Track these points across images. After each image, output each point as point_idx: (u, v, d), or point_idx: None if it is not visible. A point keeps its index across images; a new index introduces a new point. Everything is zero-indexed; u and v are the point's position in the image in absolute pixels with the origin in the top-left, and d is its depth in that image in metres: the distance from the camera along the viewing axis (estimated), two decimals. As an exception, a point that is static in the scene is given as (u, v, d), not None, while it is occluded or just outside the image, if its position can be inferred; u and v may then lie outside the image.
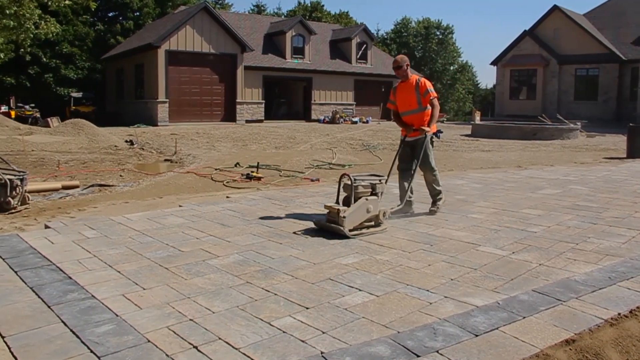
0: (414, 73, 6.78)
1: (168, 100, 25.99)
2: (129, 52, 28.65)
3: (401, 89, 6.15)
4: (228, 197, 7.15)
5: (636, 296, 3.47)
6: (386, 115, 33.12)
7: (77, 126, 17.16)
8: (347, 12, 56.43)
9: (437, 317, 3.11)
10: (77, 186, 8.31)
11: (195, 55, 26.93)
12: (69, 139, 15.68)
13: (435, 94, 6.05)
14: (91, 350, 2.67)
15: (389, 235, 5.05)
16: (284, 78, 32.46)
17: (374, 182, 5.25)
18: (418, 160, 5.93)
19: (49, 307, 3.21)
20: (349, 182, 5.09)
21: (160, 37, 25.67)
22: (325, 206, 5.19)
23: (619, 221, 5.69)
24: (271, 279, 3.77)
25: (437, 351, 2.69)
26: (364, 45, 35.10)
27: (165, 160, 12.98)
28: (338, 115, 30.76)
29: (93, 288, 3.53)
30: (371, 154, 14.27)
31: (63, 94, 32.43)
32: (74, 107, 28.66)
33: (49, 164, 11.20)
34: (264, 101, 30.13)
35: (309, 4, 54.24)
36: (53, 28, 16.83)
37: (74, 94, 30.79)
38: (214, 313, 3.16)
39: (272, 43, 32.26)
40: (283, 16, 49.98)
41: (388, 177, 5.65)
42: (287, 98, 34.93)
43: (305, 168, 11.04)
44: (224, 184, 8.88)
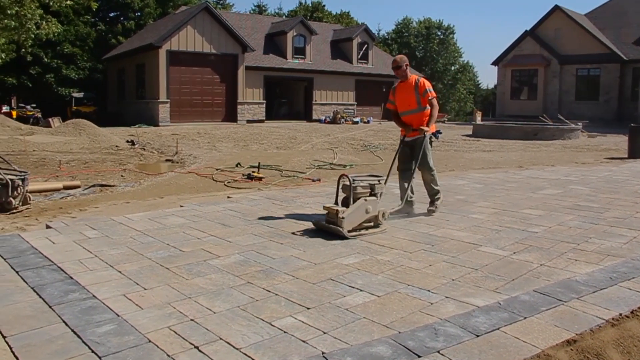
0: (414, 73, 6.77)
1: (169, 100, 26.00)
2: (130, 52, 28.67)
3: (400, 89, 6.15)
4: (229, 197, 7.15)
5: (637, 296, 3.47)
6: (387, 116, 33.10)
7: (79, 126, 17.18)
8: (348, 12, 56.47)
9: (438, 318, 3.11)
10: (79, 186, 8.32)
11: (197, 56, 26.94)
12: (70, 139, 15.70)
13: (435, 94, 6.05)
14: (92, 350, 2.67)
15: (390, 235, 5.05)
16: (285, 78, 32.47)
17: (372, 183, 5.23)
18: (417, 160, 5.93)
19: (50, 307, 3.22)
20: (348, 183, 5.08)
21: (161, 37, 25.69)
22: (324, 207, 5.18)
23: (620, 221, 5.69)
24: (272, 279, 3.78)
25: (438, 351, 2.69)
26: (365, 46, 35.10)
27: (167, 160, 12.99)
28: (339, 116, 30.75)
29: (94, 288, 3.54)
30: (372, 154, 14.27)
31: (64, 94, 32.45)
32: (75, 107, 28.68)
33: (51, 164, 11.22)
34: (265, 101, 30.13)
35: (310, 4, 54.25)
36: (54, 28, 16.84)
37: (75, 94, 30.80)
38: (215, 313, 3.16)
39: (273, 43, 32.27)
40: (284, 16, 50.00)
41: (387, 178, 5.65)
42: (288, 98, 34.93)
43: (307, 168, 11.04)
44: (225, 184, 8.89)
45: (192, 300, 3.35)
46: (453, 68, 60.14)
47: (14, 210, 6.33)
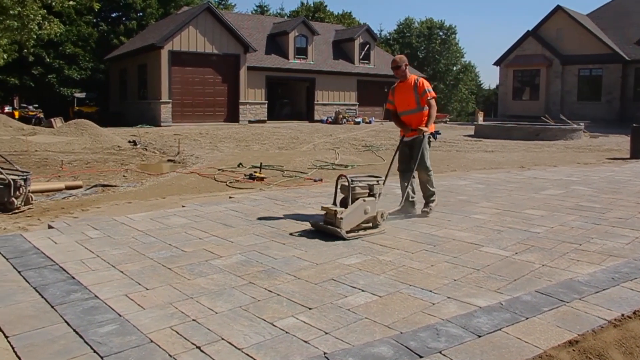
0: (415, 73, 6.77)
1: (171, 100, 26.02)
2: (132, 53, 28.70)
3: (400, 89, 6.14)
4: (231, 198, 7.16)
5: (639, 297, 3.47)
6: (389, 116, 33.08)
7: (81, 126, 17.20)
8: (350, 13, 56.48)
9: (440, 318, 3.11)
10: (81, 186, 8.32)
11: (198, 56, 26.96)
12: (72, 139, 15.72)
13: (434, 94, 6.04)
14: (94, 350, 2.67)
15: (392, 235, 5.05)
16: (287, 78, 32.48)
17: (371, 183, 5.21)
18: (416, 160, 5.91)
19: (52, 307, 3.22)
20: (346, 183, 5.05)
21: (163, 38, 25.71)
22: (323, 207, 5.16)
23: (622, 222, 5.68)
24: (274, 279, 3.78)
25: (440, 352, 2.69)
26: (367, 46, 35.09)
27: (169, 160, 13.00)
28: (341, 116, 30.75)
29: (96, 288, 3.54)
30: (374, 155, 14.27)
31: (66, 94, 32.50)
32: (77, 108, 28.72)
33: (53, 164, 11.23)
34: (266, 102, 30.14)
35: (312, 5, 54.25)
36: (56, 28, 16.86)
37: (77, 95, 30.85)
38: (216, 313, 3.16)
39: (275, 43, 32.28)
40: (286, 17, 50.03)
41: (386, 178, 5.64)
42: (290, 98, 34.93)
43: (308, 168, 11.04)
44: (226, 185, 8.89)
45: (194, 301, 3.36)
46: (455, 68, 60.09)
47: (16, 210, 6.33)
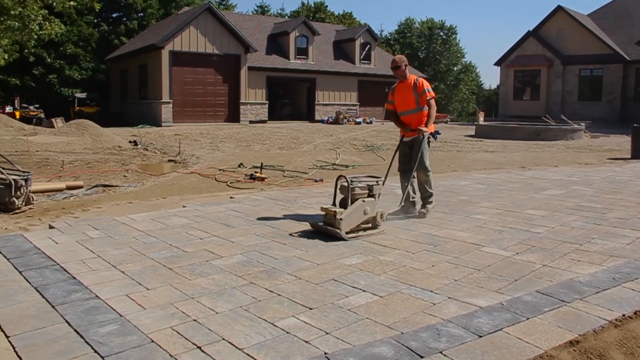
0: (416, 73, 6.77)
1: (172, 100, 26.03)
2: (133, 53, 28.71)
3: (399, 89, 6.14)
4: (232, 198, 7.16)
5: (641, 297, 3.46)
6: (389, 116, 33.09)
7: (81, 127, 17.21)
8: (351, 13, 56.49)
9: (441, 318, 3.11)
10: (81, 186, 8.33)
11: (199, 56, 26.97)
12: (73, 139, 15.73)
13: (434, 94, 6.04)
14: (95, 350, 2.68)
15: (392, 236, 5.05)
16: (287, 79, 32.49)
17: (371, 184, 5.20)
18: (416, 160, 5.89)
19: (53, 307, 3.22)
20: (346, 184, 5.04)
21: (164, 38, 25.72)
22: (322, 208, 5.14)
23: (623, 222, 5.68)
24: (275, 279, 3.78)
25: (441, 352, 2.69)
26: (368, 46, 35.10)
27: (169, 160, 13.00)
28: (342, 116, 30.76)
29: (97, 288, 3.54)
30: (375, 155, 14.27)
31: (67, 94, 32.52)
32: (78, 108, 28.73)
33: (53, 165, 11.24)
34: (267, 102, 30.15)
35: (313, 5, 54.27)
36: (57, 29, 16.84)
37: (78, 95, 30.86)
38: (217, 313, 3.16)
39: (276, 44, 32.29)
40: (287, 17, 50.02)
41: (385, 179, 5.63)
42: (291, 99, 34.95)
43: (309, 169, 11.04)
44: (227, 185, 8.89)
45: (195, 301, 3.36)
46: (455, 68, 60.06)
47: (17, 211, 6.34)
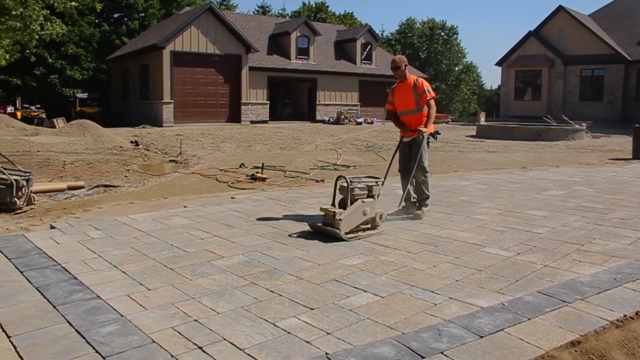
0: (417, 74, 6.76)
1: (173, 101, 26.04)
2: (134, 53, 28.73)
3: (399, 89, 6.13)
4: (233, 198, 7.16)
5: (642, 298, 3.46)
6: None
7: (83, 127, 17.22)
8: (352, 13, 56.50)
9: (442, 319, 3.10)
10: (83, 187, 8.34)
11: (200, 56, 26.98)
12: (74, 139, 15.74)
13: (433, 95, 6.02)
14: (96, 351, 2.68)
15: (394, 236, 5.05)
16: (288, 79, 32.49)
17: (370, 184, 5.18)
18: (416, 160, 5.88)
19: (54, 307, 3.23)
20: (345, 184, 5.02)
21: (165, 38, 25.74)
22: (321, 209, 5.12)
23: (624, 222, 5.67)
24: (276, 279, 3.78)
25: (442, 352, 2.69)
26: (369, 46, 35.10)
27: (170, 161, 13.01)
28: (343, 116, 30.76)
29: (98, 288, 3.55)
30: (376, 155, 14.26)
31: (68, 94, 32.53)
32: (79, 108, 28.74)
33: (55, 165, 11.25)
34: (268, 102, 30.16)
35: (314, 5, 54.29)
36: (58, 29, 16.86)
37: (80, 95, 30.87)
38: (218, 314, 3.16)
39: (277, 44, 32.30)
40: (288, 17, 50.03)
41: (385, 179, 5.62)
42: (292, 99, 34.95)
43: (310, 169, 11.04)
44: (228, 185, 8.89)
45: (196, 301, 3.36)
46: (457, 69, 60.03)
47: (19, 211, 6.35)
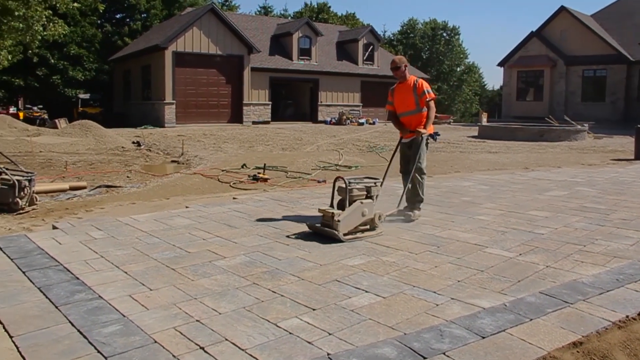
0: (419, 74, 6.75)
1: (175, 101, 26.08)
2: (136, 54, 28.77)
3: (399, 89, 6.12)
4: (235, 199, 7.16)
5: (644, 299, 3.45)
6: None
7: (85, 127, 17.25)
8: (354, 14, 56.49)
9: (444, 319, 3.10)
10: (85, 187, 8.35)
11: (202, 57, 27.01)
12: (76, 140, 15.77)
13: (433, 96, 5.98)
14: (98, 351, 2.68)
15: (395, 236, 5.04)
16: (290, 79, 32.51)
17: (369, 185, 5.16)
18: (415, 161, 5.87)
19: (56, 308, 3.23)
20: (344, 185, 5.00)
21: (167, 39, 25.78)
22: (320, 210, 5.11)
23: (626, 223, 5.66)
24: (278, 280, 3.78)
25: (444, 353, 2.69)
26: (371, 47, 35.10)
27: (172, 161, 13.02)
28: (345, 117, 30.76)
29: (100, 288, 3.55)
30: (378, 156, 14.25)
31: (71, 95, 32.58)
32: (81, 109, 28.82)
33: (57, 165, 11.27)
34: (270, 102, 30.18)
35: (316, 6, 54.30)
36: (61, 30, 16.88)
37: (82, 96, 30.93)
38: (220, 314, 3.17)
39: (279, 44, 32.32)
40: (290, 18, 50.05)
41: (383, 180, 5.61)
42: (294, 99, 34.97)
43: (312, 169, 11.04)
44: (230, 185, 8.90)
45: (198, 301, 3.36)
46: (459, 69, 59.98)
47: (21, 211, 6.36)
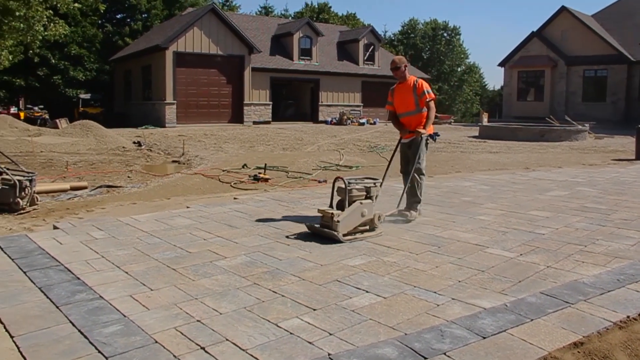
0: (418, 74, 6.75)
1: (175, 101, 26.09)
2: (137, 54, 28.77)
3: (399, 90, 6.11)
4: (235, 199, 7.16)
5: (645, 299, 3.45)
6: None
7: (86, 127, 17.26)
8: (355, 14, 56.50)
9: (445, 319, 3.10)
10: (86, 187, 8.35)
11: (203, 57, 27.01)
12: (77, 140, 15.78)
13: (433, 96, 5.96)
14: (99, 351, 2.68)
15: (396, 237, 5.04)
16: (291, 79, 32.51)
17: (368, 186, 5.15)
18: (414, 161, 5.87)
19: (57, 308, 3.23)
20: (343, 186, 4.99)
21: (168, 39, 25.78)
22: (319, 210, 5.10)
23: (627, 223, 5.66)
24: (278, 280, 3.78)
25: (445, 353, 2.69)
26: (372, 47, 35.09)
27: (173, 161, 13.03)
28: (345, 117, 30.76)
29: (101, 289, 3.55)
30: (379, 156, 14.26)
31: (71, 95, 32.61)
32: (82, 109, 28.85)
33: (58, 165, 11.27)
34: (271, 102, 30.17)
35: (317, 6, 54.30)
36: (61, 30, 16.89)
37: (82, 96, 30.96)
38: (221, 314, 3.17)
39: (280, 44, 32.32)
40: (290, 18, 50.06)
41: (383, 180, 5.61)
42: (295, 99, 34.97)
43: (313, 169, 11.04)
44: (231, 185, 8.90)
45: (199, 301, 3.36)
46: (459, 69, 59.96)
47: (22, 211, 6.36)
